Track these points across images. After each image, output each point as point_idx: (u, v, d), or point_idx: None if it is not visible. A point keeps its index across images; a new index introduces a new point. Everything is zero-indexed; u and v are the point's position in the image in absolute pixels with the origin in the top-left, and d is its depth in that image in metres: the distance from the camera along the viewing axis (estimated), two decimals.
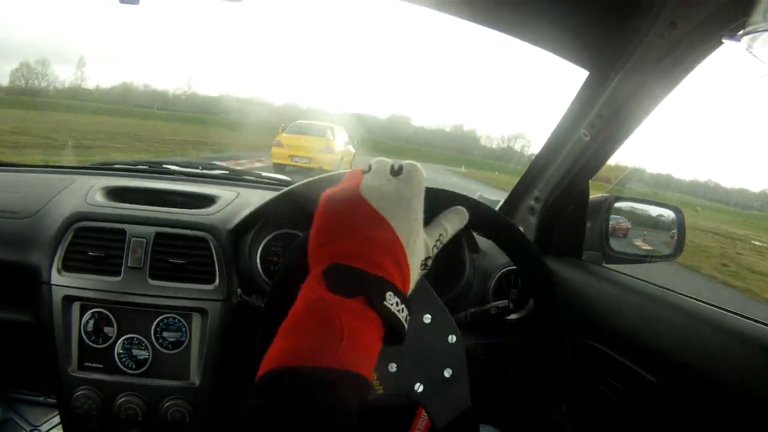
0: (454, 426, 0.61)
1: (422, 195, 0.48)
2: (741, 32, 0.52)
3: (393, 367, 0.58)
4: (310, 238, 0.46)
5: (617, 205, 1.07)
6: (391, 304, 0.41)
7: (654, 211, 1.12)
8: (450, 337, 0.62)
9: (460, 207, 0.54)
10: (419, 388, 0.60)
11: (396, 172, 0.49)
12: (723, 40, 0.77)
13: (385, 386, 0.59)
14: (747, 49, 0.52)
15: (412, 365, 0.60)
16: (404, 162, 0.50)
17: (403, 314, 0.42)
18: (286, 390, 0.36)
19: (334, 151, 8.76)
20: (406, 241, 0.45)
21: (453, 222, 0.54)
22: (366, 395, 0.39)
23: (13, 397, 1.37)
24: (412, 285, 0.46)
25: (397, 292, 0.42)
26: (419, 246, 0.47)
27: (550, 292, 0.62)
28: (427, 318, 0.61)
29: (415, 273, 0.47)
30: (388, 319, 0.41)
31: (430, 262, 0.49)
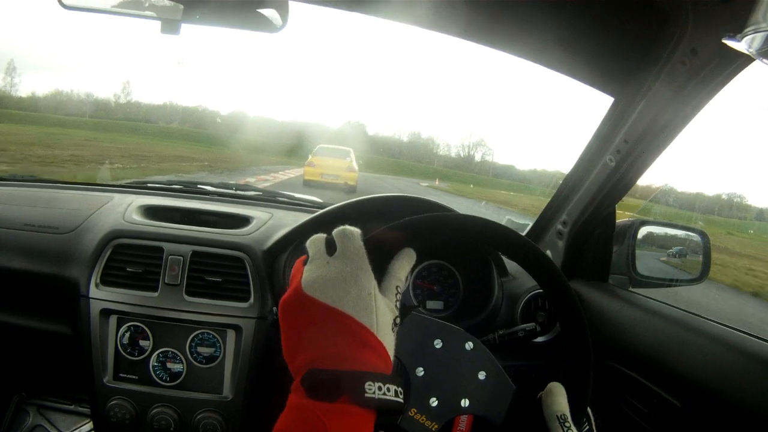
0: (515, 413, 0.62)
1: (365, 262, 0.47)
2: (741, 32, 0.52)
3: (434, 402, 0.59)
4: (283, 352, 0.47)
5: (643, 229, 1.08)
6: (373, 393, 0.42)
7: (680, 234, 1.13)
8: (467, 344, 0.62)
9: (405, 249, 0.54)
10: (465, 403, 0.60)
11: (331, 248, 0.48)
12: (723, 41, 0.77)
13: (436, 421, 0.60)
14: (747, 50, 0.53)
15: (448, 390, 0.60)
16: (334, 233, 0.49)
17: (390, 393, 0.43)
18: None
19: (355, 170, 10.79)
20: (367, 320, 0.45)
21: (403, 267, 0.53)
22: None
23: (44, 405, 1.40)
24: (391, 352, 0.47)
25: (376, 377, 0.43)
26: (382, 314, 0.47)
27: (576, 315, 0.63)
28: (438, 343, 0.61)
29: (389, 341, 0.47)
30: (375, 406, 0.42)
31: (399, 321, 0.49)
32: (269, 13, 0.95)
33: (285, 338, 0.47)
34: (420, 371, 0.59)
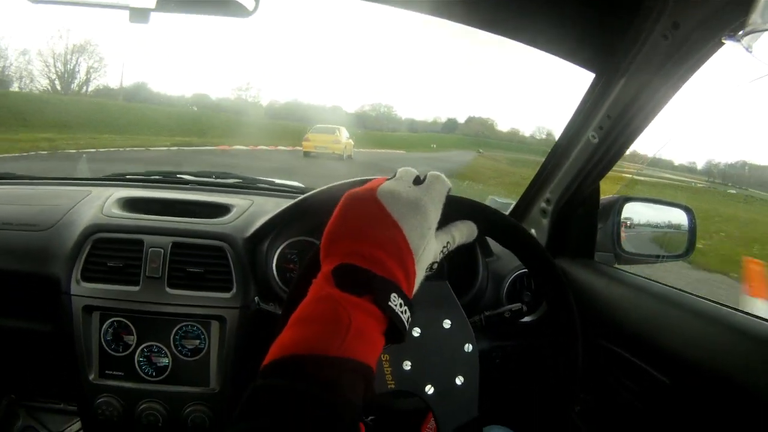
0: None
1: (440, 204, 0.50)
2: (740, 32, 0.52)
3: (407, 365, 0.59)
4: (324, 234, 0.48)
5: (628, 205, 1.08)
6: (395, 305, 0.43)
7: (665, 210, 1.12)
8: (466, 345, 0.62)
9: (470, 221, 0.56)
10: (429, 390, 0.60)
11: (419, 181, 0.51)
12: (723, 41, 0.76)
13: (397, 382, 0.60)
14: (747, 50, 0.52)
15: (426, 367, 0.61)
16: (430, 173, 0.52)
17: (405, 315, 0.44)
18: (293, 375, 0.37)
19: (341, 142, 13.76)
20: (415, 245, 0.46)
21: (462, 233, 0.56)
22: (371, 384, 0.41)
23: (33, 405, 1.39)
24: (416, 287, 0.48)
25: (401, 294, 0.44)
26: (428, 251, 0.49)
27: (562, 293, 0.63)
28: (447, 323, 0.61)
29: (420, 276, 0.49)
30: (392, 318, 0.43)
31: (435, 266, 0.51)
32: None
33: (332, 223, 0.48)
34: (407, 365, 0.59)
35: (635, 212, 1.11)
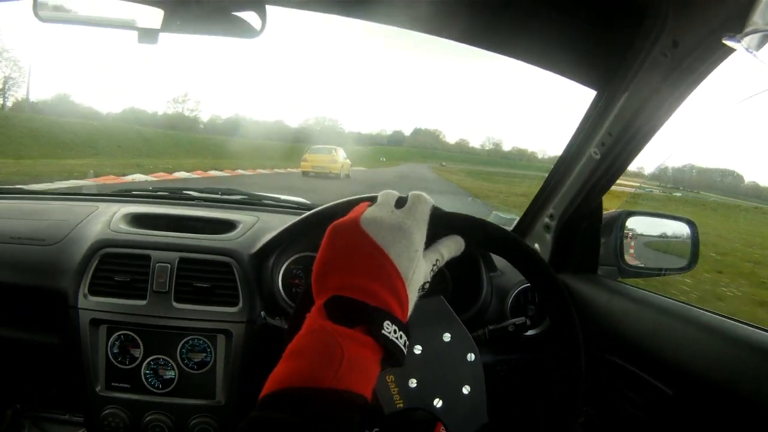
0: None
1: (425, 225, 0.50)
2: (741, 33, 0.52)
3: (413, 383, 0.60)
4: (314, 268, 0.48)
5: (631, 219, 1.09)
6: (389, 332, 0.44)
7: (668, 224, 1.13)
8: (469, 355, 0.63)
9: (456, 236, 0.57)
10: (438, 403, 0.61)
11: (401, 202, 0.52)
12: (723, 41, 0.77)
13: (405, 401, 0.61)
14: (747, 50, 0.53)
15: (432, 381, 0.61)
16: (411, 193, 0.53)
17: (401, 340, 0.45)
18: (289, 407, 0.38)
19: (337, 162, 14.66)
20: (405, 271, 0.47)
21: (450, 248, 0.55)
22: (364, 413, 0.41)
23: (38, 416, 1.40)
24: (410, 307, 0.49)
25: (395, 320, 0.45)
26: (418, 273, 0.49)
27: (564, 307, 0.63)
28: (447, 336, 0.62)
29: (414, 298, 0.49)
30: (387, 345, 0.44)
31: (427, 286, 0.51)
32: (248, 16, 0.95)
33: (321, 257, 0.49)
34: (413, 382, 0.59)
35: (638, 226, 1.12)
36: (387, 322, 0.44)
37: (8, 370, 1.23)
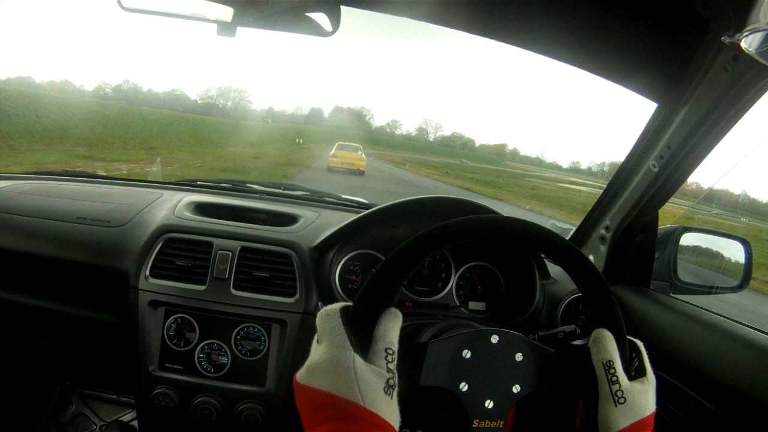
0: (564, 373, 0.63)
1: (343, 338, 0.49)
2: (741, 32, 0.52)
3: (465, 387, 0.61)
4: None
5: (686, 235, 1.08)
6: None
7: (722, 242, 1.12)
8: (517, 355, 0.63)
9: (390, 310, 0.55)
10: (489, 404, 0.62)
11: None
12: (722, 40, 0.76)
13: (499, 418, 0.61)
14: (747, 49, 0.52)
15: (483, 383, 0.62)
16: (317, 317, 0.54)
17: None
18: None
19: (364, 160, 15.92)
20: (350, 394, 0.46)
21: (391, 328, 0.53)
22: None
23: (87, 393, 1.45)
24: (386, 412, 0.48)
25: None
26: (365, 384, 0.47)
27: (614, 318, 0.64)
28: (495, 338, 0.63)
29: (384, 405, 0.48)
30: None
31: (394, 380, 0.49)
32: (320, 17, 0.98)
33: (301, 416, 0.50)
34: (464, 386, 0.61)
35: (693, 242, 1.11)
36: None
37: (63, 346, 1.27)
